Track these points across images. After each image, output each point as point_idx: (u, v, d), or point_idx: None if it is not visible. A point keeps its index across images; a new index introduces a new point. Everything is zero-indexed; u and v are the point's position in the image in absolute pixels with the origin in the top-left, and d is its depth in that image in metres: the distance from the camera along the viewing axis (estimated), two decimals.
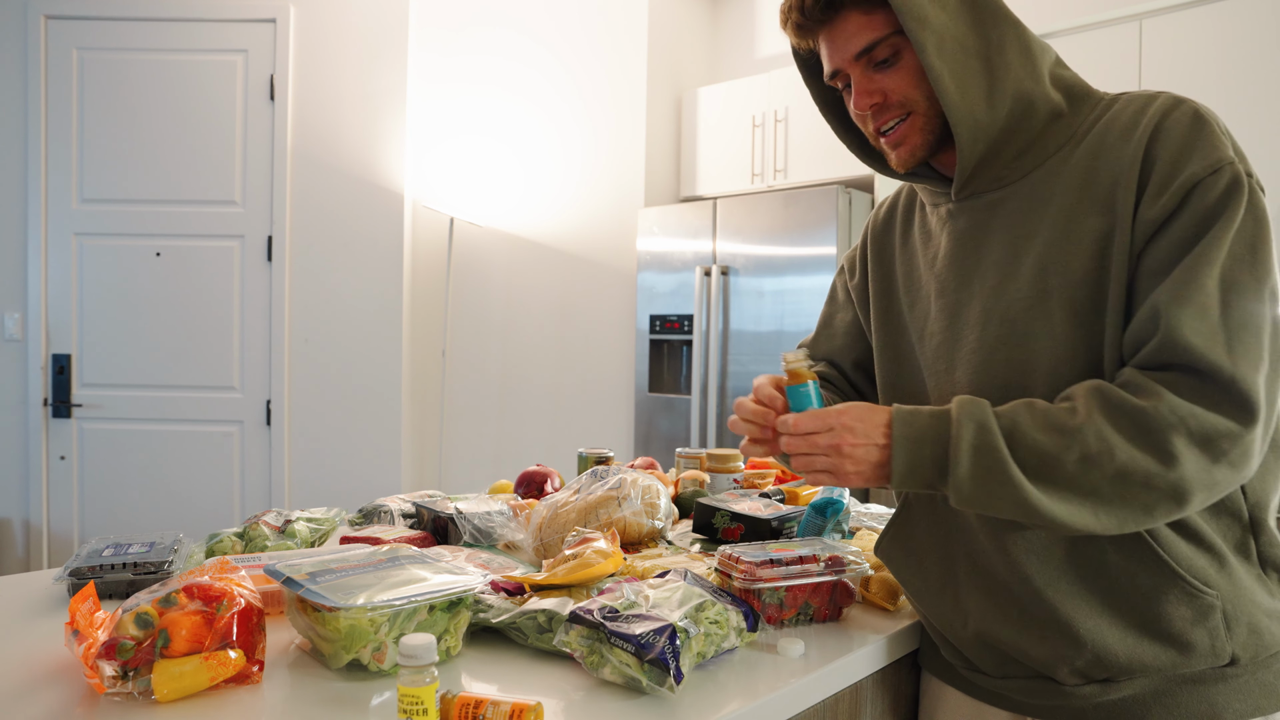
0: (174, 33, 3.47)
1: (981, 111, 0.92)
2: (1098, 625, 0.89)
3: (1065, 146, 0.93)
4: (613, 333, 3.73)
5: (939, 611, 1.02)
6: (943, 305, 1.00)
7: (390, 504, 1.54)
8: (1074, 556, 0.90)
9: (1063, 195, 0.91)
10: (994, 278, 0.95)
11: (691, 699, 0.85)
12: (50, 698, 0.82)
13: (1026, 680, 0.96)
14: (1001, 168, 0.95)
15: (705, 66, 4.06)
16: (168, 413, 3.49)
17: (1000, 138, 0.93)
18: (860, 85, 0.97)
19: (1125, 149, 0.88)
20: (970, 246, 0.98)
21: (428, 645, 0.73)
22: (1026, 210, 0.94)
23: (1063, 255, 0.89)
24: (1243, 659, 0.88)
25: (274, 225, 3.50)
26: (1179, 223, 0.83)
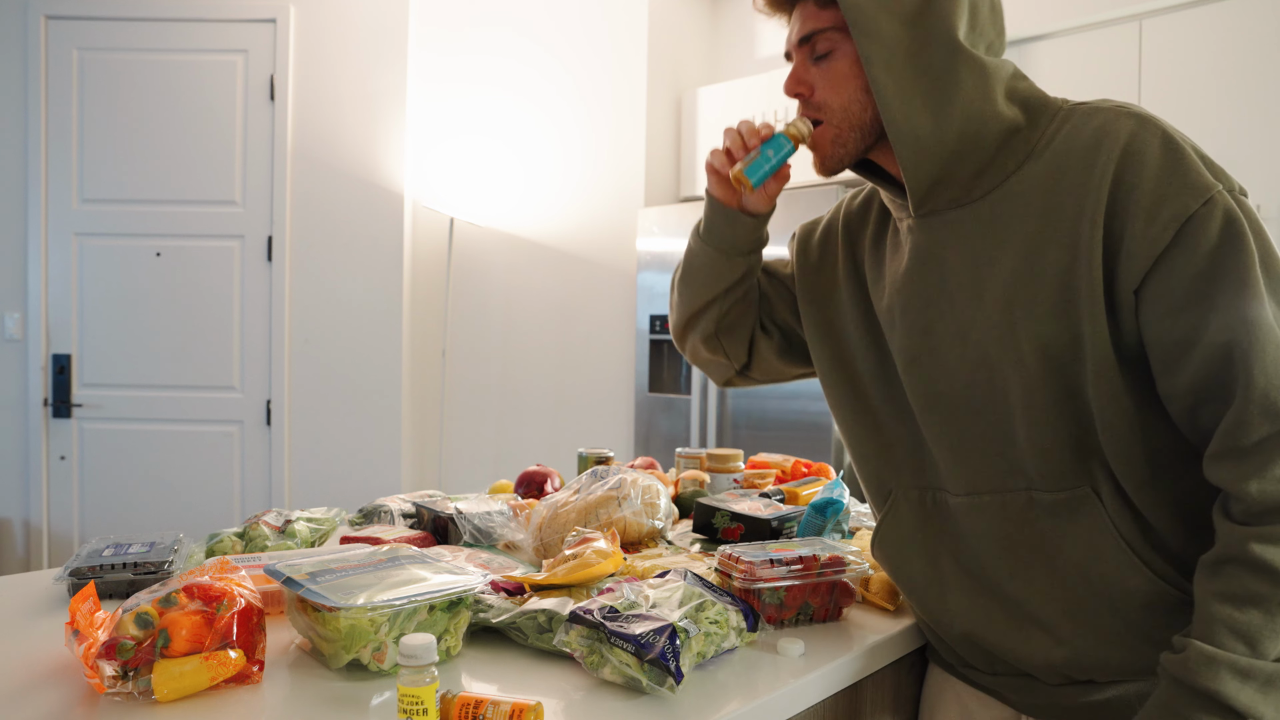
0: (174, 33, 3.47)
1: (926, 131, 0.89)
2: (1076, 629, 0.89)
3: (1025, 163, 0.89)
4: (613, 333, 3.73)
5: (927, 607, 1.02)
6: (906, 326, 0.98)
7: (390, 504, 1.54)
8: (1054, 564, 0.90)
9: (1024, 221, 0.88)
10: (959, 301, 0.93)
11: (691, 699, 0.85)
12: (50, 698, 0.82)
13: (1015, 678, 0.97)
14: (958, 188, 0.92)
15: (705, 66, 4.06)
16: (168, 413, 3.49)
17: (952, 159, 0.90)
18: (794, 71, 0.97)
19: (1090, 175, 0.84)
20: (932, 265, 0.95)
21: (427, 645, 0.73)
22: (986, 233, 0.91)
23: (1028, 290, 0.87)
24: None
25: (274, 225, 3.50)
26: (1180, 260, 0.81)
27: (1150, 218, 0.81)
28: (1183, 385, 0.82)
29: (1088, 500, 0.88)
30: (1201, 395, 0.82)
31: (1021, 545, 0.92)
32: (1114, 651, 0.88)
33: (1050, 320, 0.86)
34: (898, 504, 1.04)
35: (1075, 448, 0.87)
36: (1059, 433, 0.88)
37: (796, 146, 0.99)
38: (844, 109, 0.95)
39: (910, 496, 1.02)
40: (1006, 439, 0.91)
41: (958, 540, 0.97)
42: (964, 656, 1.02)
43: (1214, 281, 0.80)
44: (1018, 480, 0.91)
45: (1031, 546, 0.91)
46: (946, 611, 0.99)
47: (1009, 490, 0.92)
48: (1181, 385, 0.82)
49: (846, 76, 0.93)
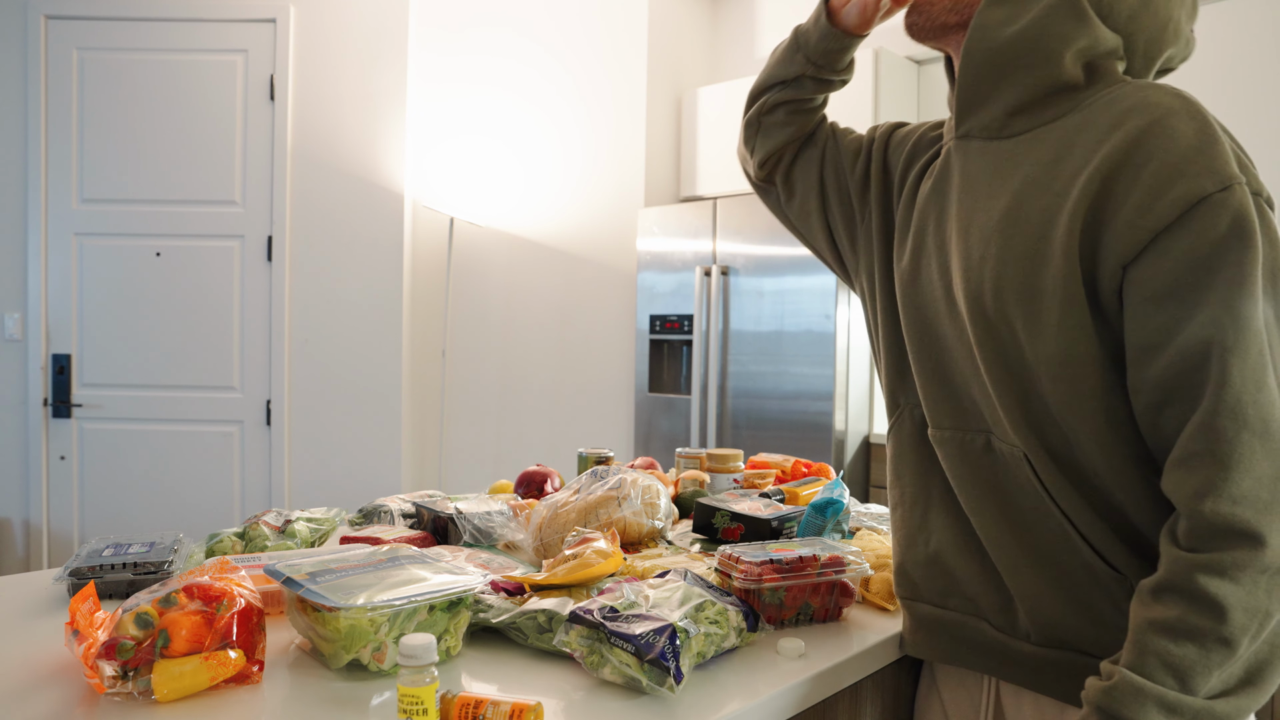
0: (174, 33, 3.47)
1: (998, 24, 0.89)
2: (1017, 576, 0.91)
3: (1062, 118, 0.88)
4: (613, 333, 3.73)
5: (906, 527, 1.03)
6: (912, 245, 1.01)
7: (390, 504, 1.54)
8: (1005, 511, 0.91)
9: (1028, 166, 0.88)
10: (951, 231, 0.94)
11: (691, 699, 0.85)
12: (50, 698, 0.82)
13: (964, 616, 0.99)
14: (993, 117, 0.92)
15: (705, 66, 4.06)
16: (168, 413, 3.50)
17: (1000, 69, 0.90)
18: None
19: (1110, 135, 0.82)
20: (943, 191, 0.97)
21: (427, 645, 0.73)
22: (996, 171, 0.91)
23: (1008, 230, 0.86)
24: None
25: (274, 225, 3.50)
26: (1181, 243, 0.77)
27: (1159, 191, 0.77)
28: (1153, 378, 0.78)
29: (1022, 463, 0.88)
30: (1170, 393, 0.78)
31: (977, 486, 0.93)
32: (1055, 615, 0.89)
33: (1016, 264, 0.85)
34: (903, 419, 1.05)
35: (1020, 406, 0.87)
36: (1004, 384, 0.87)
37: None
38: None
39: (915, 415, 1.03)
40: (970, 378, 0.92)
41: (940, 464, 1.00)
42: (920, 585, 1.02)
43: (1211, 273, 0.75)
44: (978, 421, 0.93)
45: (986, 489, 0.92)
46: (925, 529, 1.01)
47: (969, 429, 0.94)
48: (1151, 378, 0.79)
49: None
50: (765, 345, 3.20)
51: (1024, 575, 0.90)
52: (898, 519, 1.06)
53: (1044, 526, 0.88)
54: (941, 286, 0.95)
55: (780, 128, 1.17)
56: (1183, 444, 0.76)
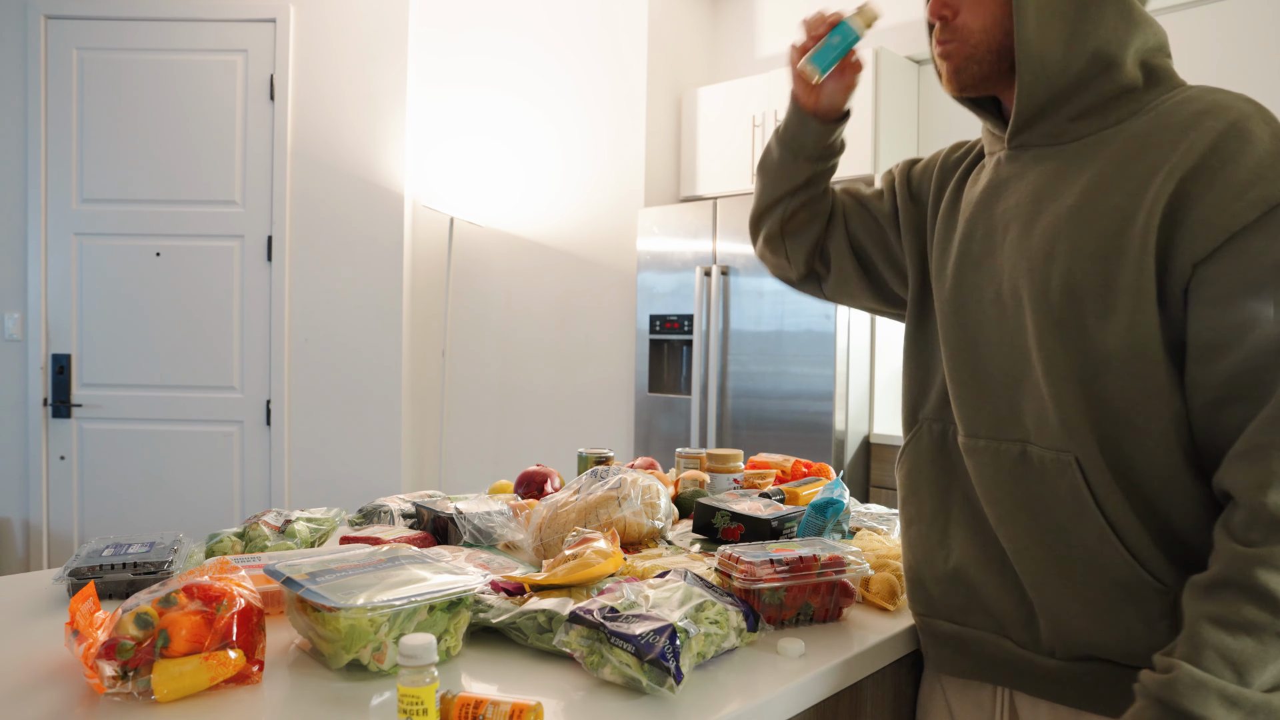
0: (174, 33, 3.47)
1: (1054, 57, 0.89)
2: (1041, 591, 0.90)
3: (1127, 121, 0.89)
4: (613, 333, 3.73)
5: (925, 542, 1.03)
6: (963, 250, 1.00)
7: (390, 504, 1.54)
8: (1038, 522, 0.90)
9: (1102, 165, 0.88)
10: (1011, 231, 0.94)
11: (691, 699, 0.85)
12: (50, 698, 0.82)
13: (984, 633, 0.98)
14: (1055, 125, 0.93)
15: (705, 66, 4.06)
16: (168, 413, 3.50)
17: (1063, 94, 0.91)
18: None
19: (1184, 137, 0.83)
20: (999, 196, 0.97)
21: (427, 645, 0.73)
22: (1061, 172, 0.91)
23: (1078, 226, 0.86)
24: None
25: (274, 225, 3.50)
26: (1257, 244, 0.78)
27: (1237, 193, 0.78)
28: (1219, 375, 0.80)
29: (1070, 467, 0.87)
30: (1237, 390, 0.79)
31: (1009, 497, 0.92)
32: (1083, 628, 0.89)
33: (1089, 260, 0.85)
34: (921, 435, 1.05)
35: (1080, 405, 0.86)
36: (1066, 383, 0.87)
37: (863, 33, 1.03)
38: (984, 30, 0.94)
39: (934, 430, 1.04)
40: (1015, 383, 0.92)
41: (966, 478, 0.99)
42: (938, 600, 1.02)
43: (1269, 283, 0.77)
44: (1015, 430, 0.92)
45: (1018, 500, 0.92)
46: (944, 546, 1.01)
47: (1004, 439, 0.93)
48: (1218, 374, 0.80)
49: (996, 8, 0.93)
50: (765, 345, 3.20)
51: (1051, 588, 0.90)
52: (913, 535, 1.05)
53: (1080, 537, 0.87)
54: (991, 290, 0.95)
55: (808, 225, 1.19)
56: (1248, 437, 0.77)
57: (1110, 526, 0.86)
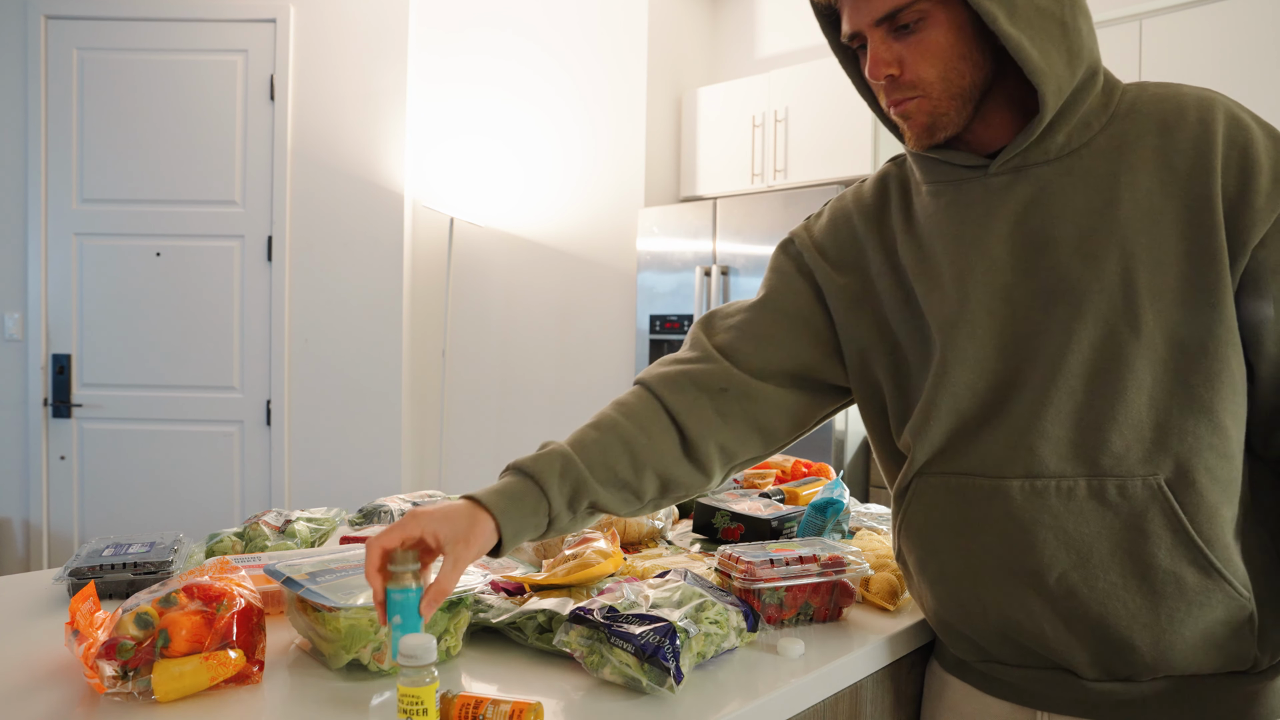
0: (174, 33, 3.47)
1: (1065, 76, 0.86)
2: (1131, 623, 0.86)
3: (1109, 124, 0.89)
4: (613, 333, 3.73)
5: (957, 599, 0.96)
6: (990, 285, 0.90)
7: (390, 504, 1.54)
8: (1118, 553, 0.85)
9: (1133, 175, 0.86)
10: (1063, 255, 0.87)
11: (691, 699, 0.85)
12: (50, 698, 0.82)
13: (1045, 671, 0.94)
14: (1051, 139, 0.89)
15: (705, 66, 4.06)
16: (168, 413, 3.49)
17: (1068, 106, 0.88)
18: (876, 53, 0.89)
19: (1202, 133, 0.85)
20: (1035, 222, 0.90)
21: (427, 645, 0.73)
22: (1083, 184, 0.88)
23: (1144, 235, 0.84)
24: (1263, 662, 0.88)
25: (274, 225, 3.50)
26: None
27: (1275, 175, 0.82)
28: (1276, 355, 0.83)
29: (1159, 489, 0.84)
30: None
31: (1081, 536, 0.86)
32: (1173, 650, 0.86)
33: (1168, 265, 0.84)
34: (925, 489, 0.96)
35: (1160, 425, 0.84)
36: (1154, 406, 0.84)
37: (418, 582, 0.81)
38: (943, 79, 0.88)
39: (950, 484, 0.94)
40: (1102, 412, 0.85)
41: (999, 527, 0.90)
42: (989, 650, 0.97)
43: None
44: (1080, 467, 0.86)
45: (1094, 537, 0.86)
46: (979, 603, 0.93)
47: (1079, 475, 0.86)
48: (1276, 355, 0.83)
49: (943, 45, 0.87)
50: None
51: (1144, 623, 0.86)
52: (942, 594, 0.97)
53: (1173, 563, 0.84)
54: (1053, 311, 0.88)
55: (693, 485, 1.02)
56: None
57: (1203, 541, 0.84)
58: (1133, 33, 2.76)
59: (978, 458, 0.91)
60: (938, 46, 0.87)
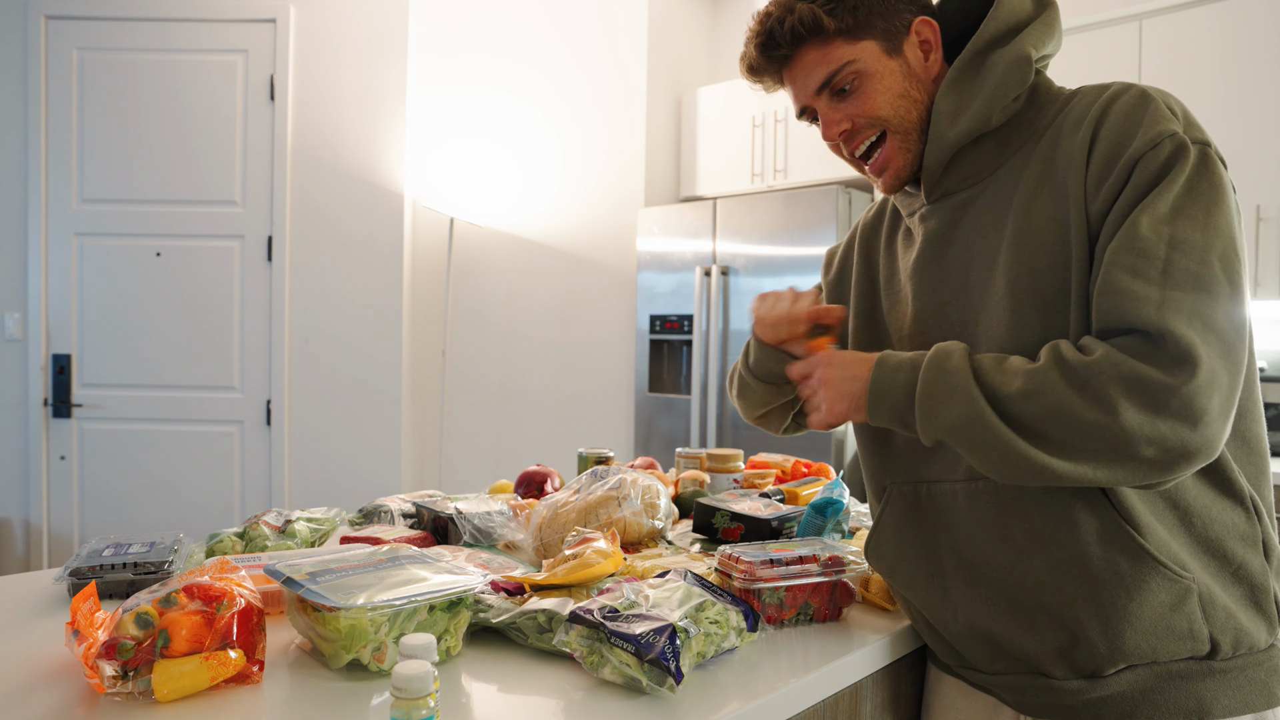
0: (174, 33, 3.47)
1: (952, 126, 0.96)
2: (1079, 613, 0.89)
3: (1028, 143, 0.95)
4: (613, 333, 3.73)
5: (929, 605, 1.02)
6: (919, 307, 1.02)
7: (390, 504, 1.54)
8: (1054, 545, 0.90)
9: (1024, 187, 0.93)
10: (968, 277, 0.97)
11: (691, 699, 0.85)
12: (50, 698, 0.82)
13: (1017, 676, 0.97)
14: (967, 168, 0.98)
15: (705, 66, 4.06)
16: (168, 413, 3.50)
17: (965, 146, 0.97)
18: (826, 116, 1.01)
19: (1075, 137, 0.90)
20: (942, 246, 1.00)
21: (428, 646, 0.73)
22: (993, 205, 0.96)
23: (1026, 247, 0.91)
24: (1224, 646, 0.88)
25: (274, 225, 3.50)
26: (1124, 198, 0.85)
27: (1107, 169, 0.86)
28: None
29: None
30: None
31: (1017, 532, 0.92)
32: (1123, 636, 0.88)
33: (1047, 275, 0.89)
34: (893, 500, 1.05)
35: None
36: None
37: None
38: (895, 113, 0.98)
39: (905, 491, 1.03)
40: None
41: (955, 531, 0.98)
42: (965, 654, 1.02)
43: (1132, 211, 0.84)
44: None
45: (1027, 532, 0.91)
46: (949, 607, 0.99)
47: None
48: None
49: (880, 91, 0.97)
50: None
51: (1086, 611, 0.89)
52: (916, 598, 1.04)
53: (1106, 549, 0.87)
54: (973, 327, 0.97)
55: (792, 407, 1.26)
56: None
57: (1131, 527, 0.86)
58: (1133, 33, 2.76)
59: (936, 465, 1.00)
60: (878, 93, 0.98)
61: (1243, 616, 0.89)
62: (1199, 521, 0.88)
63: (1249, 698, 0.89)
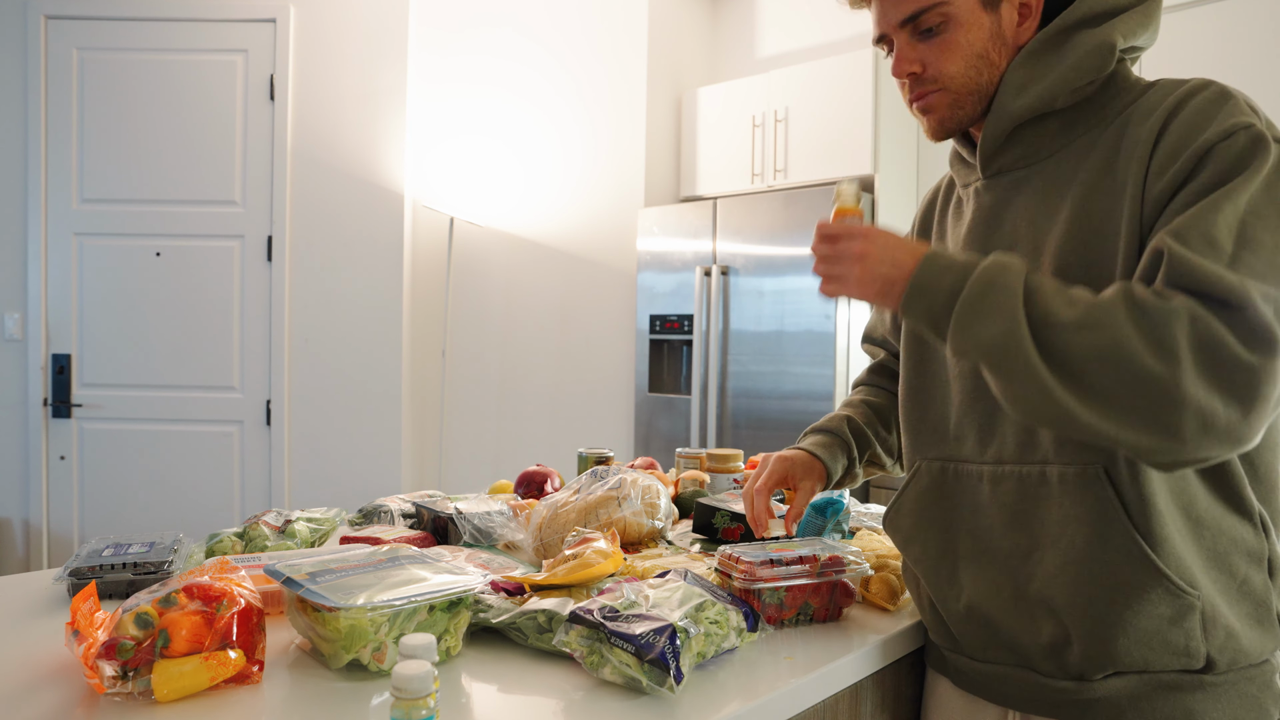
0: (174, 33, 3.47)
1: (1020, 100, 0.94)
2: (1077, 614, 0.89)
3: (1094, 129, 0.92)
4: (613, 333, 3.73)
5: (935, 582, 1.02)
6: None
7: (390, 504, 1.54)
8: (1064, 542, 0.89)
9: (1085, 174, 0.90)
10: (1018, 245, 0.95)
11: (691, 699, 0.85)
12: (50, 698, 0.82)
13: (1007, 668, 0.97)
14: (1027, 146, 0.96)
15: (705, 66, 4.06)
16: (168, 413, 3.49)
17: (1027, 122, 0.95)
18: (901, 52, 0.97)
19: (1144, 125, 0.86)
20: (993, 224, 0.98)
21: (428, 646, 0.73)
22: (1048, 190, 0.93)
23: (1079, 237, 0.88)
24: (1220, 664, 0.87)
25: (274, 225, 3.50)
26: (1192, 185, 0.80)
27: (1174, 156, 0.82)
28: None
29: (1098, 479, 0.87)
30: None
31: (1033, 523, 0.92)
32: (1116, 643, 0.87)
33: (1096, 266, 0.87)
34: (920, 476, 1.05)
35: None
36: None
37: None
38: (963, 75, 0.95)
39: (933, 469, 1.03)
40: None
41: (974, 513, 0.98)
42: (960, 638, 1.01)
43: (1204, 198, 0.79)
44: (1036, 453, 0.92)
45: (1042, 525, 0.91)
46: (954, 585, 0.99)
47: (1027, 462, 0.92)
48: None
49: (962, 45, 0.94)
50: (765, 345, 3.20)
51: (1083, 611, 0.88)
52: (923, 572, 1.04)
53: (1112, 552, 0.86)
54: None
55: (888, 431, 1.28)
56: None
57: (1141, 536, 0.86)
58: None
59: (966, 446, 0.99)
60: (958, 47, 0.94)
61: (1243, 635, 0.87)
62: (1209, 534, 0.87)
63: (1239, 712, 0.88)
